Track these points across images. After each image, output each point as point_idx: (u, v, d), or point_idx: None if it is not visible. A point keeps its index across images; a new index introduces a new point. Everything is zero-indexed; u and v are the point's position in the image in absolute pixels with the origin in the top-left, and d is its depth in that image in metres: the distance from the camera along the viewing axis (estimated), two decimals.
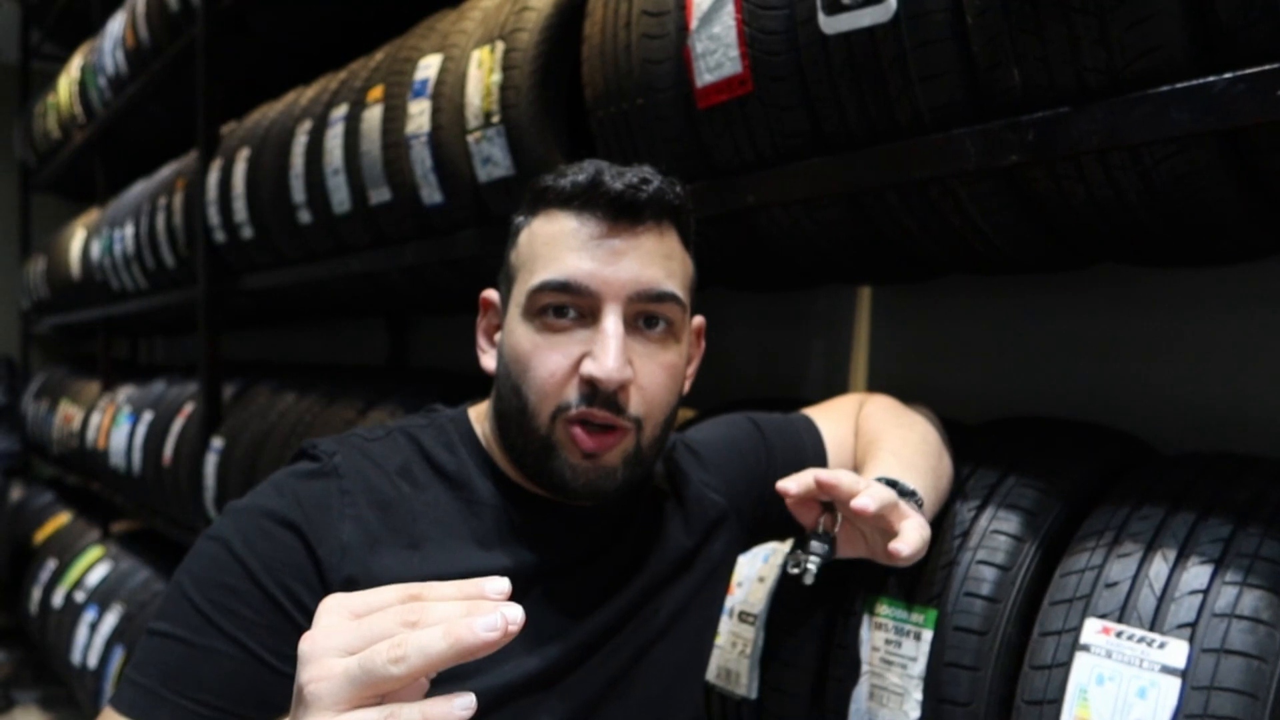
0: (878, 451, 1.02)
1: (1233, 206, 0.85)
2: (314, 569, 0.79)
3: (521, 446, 0.87)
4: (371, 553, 0.81)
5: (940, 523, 1.04)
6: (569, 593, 0.89)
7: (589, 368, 0.82)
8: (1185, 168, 0.82)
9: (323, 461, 0.86)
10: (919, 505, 0.92)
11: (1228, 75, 0.75)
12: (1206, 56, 0.78)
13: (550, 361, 0.84)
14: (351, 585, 0.79)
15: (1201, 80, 0.76)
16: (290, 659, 0.75)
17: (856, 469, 1.07)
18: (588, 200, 0.85)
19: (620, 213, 0.85)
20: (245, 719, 0.76)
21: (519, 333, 0.86)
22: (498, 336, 0.92)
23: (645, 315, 0.86)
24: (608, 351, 0.82)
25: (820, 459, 1.07)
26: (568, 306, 0.84)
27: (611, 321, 0.83)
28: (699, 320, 0.97)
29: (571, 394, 0.84)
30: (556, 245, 0.85)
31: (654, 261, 0.85)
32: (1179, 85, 0.77)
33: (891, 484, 0.93)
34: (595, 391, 0.83)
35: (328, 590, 0.78)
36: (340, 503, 0.83)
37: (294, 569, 0.79)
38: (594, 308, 0.84)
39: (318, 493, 0.83)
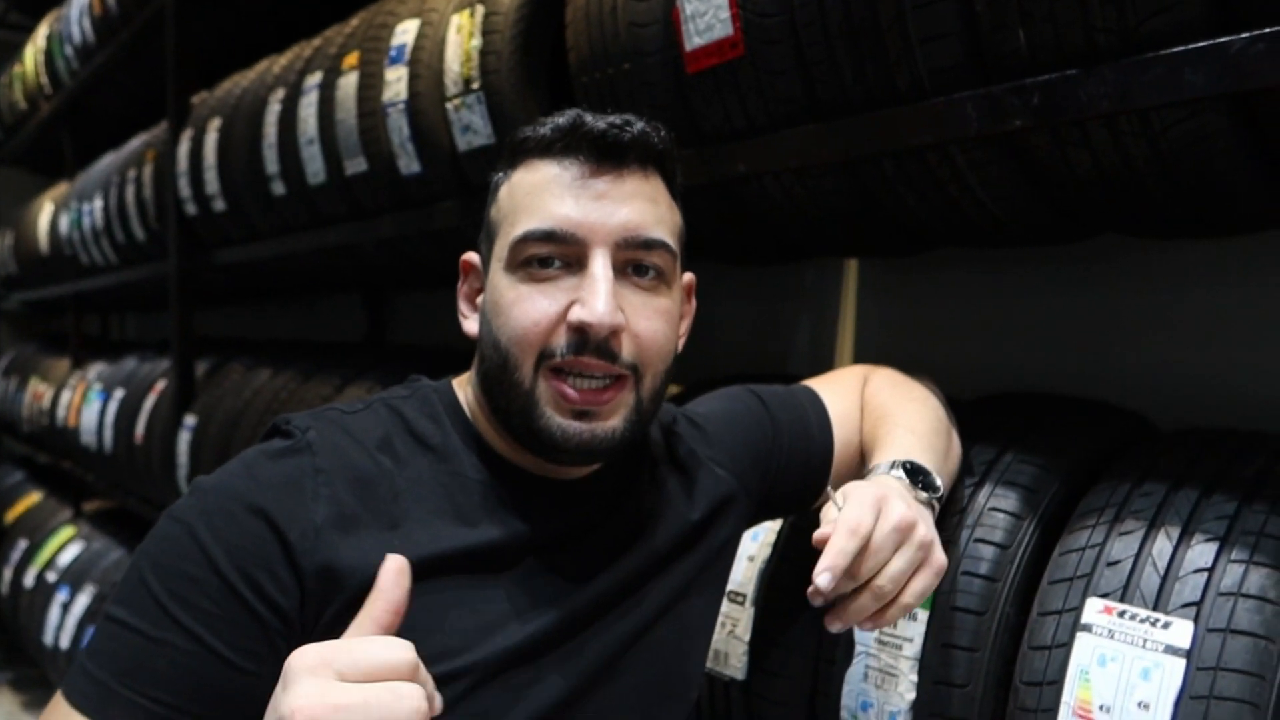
0: (893, 428, 0.98)
1: (1243, 174, 0.83)
2: (283, 556, 0.75)
3: (505, 406, 0.83)
4: (347, 535, 0.77)
5: None
6: (562, 565, 0.86)
7: (577, 313, 0.78)
8: (1196, 133, 0.80)
9: (296, 438, 0.81)
10: (936, 492, 0.90)
11: (1245, 35, 0.72)
12: (1222, 15, 0.75)
13: (535, 309, 0.80)
14: (328, 573, 0.75)
15: (1218, 40, 0.73)
16: (250, 654, 0.73)
17: (865, 444, 1.04)
18: (569, 144, 0.81)
19: (604, 155, 0.81)
20: (201, 717, 0.72)
21: (501, 287, 0.82)
22: (480, 300, 0.88)
23: (635, 263, 0.82)
24: (597, 295, 0.77)
25: (825, 433, 1.04)
26: (553, 256, 0.80)
27: (600, 265, 0.79)
28: (689, 276, 0.93)
29: (558, 342, 0.79)
30: (539, 193, 0.81)
31: (642, 207, 0.81)
32: (1194, 45, 0.74)
33: (909, 466, 0.90)
34: (585, 339, 0.78)
35: (300, 577, 0.75)
36: (314, 482, 0.78)
37: (259, 558, 0.74)
38: (580, 255, 0.80)
39: (289, 472, 0.79)
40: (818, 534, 0.82)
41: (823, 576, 0.78)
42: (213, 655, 0.72)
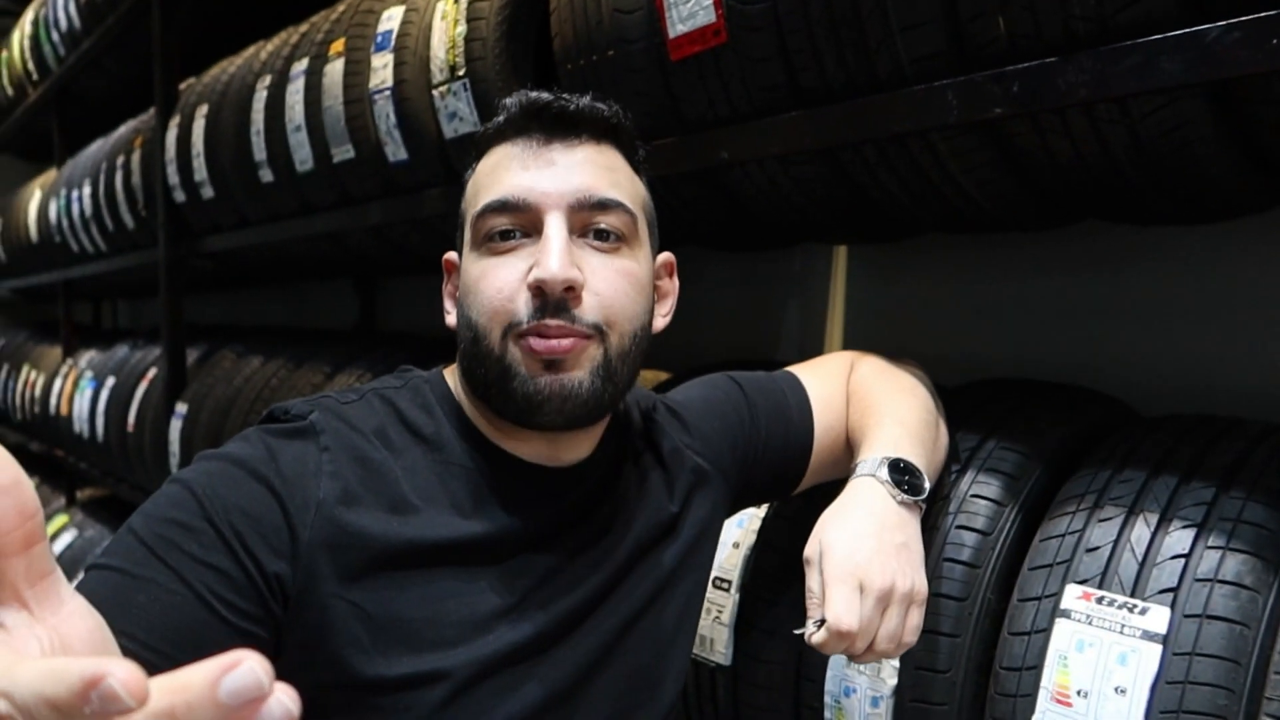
0: (881, 419, 0.98)
1: (1221, 162, 0.83)
2: (282, 522, 0.74)
3: (483, 378, 0.83)
4: (349, 509, 0.77)
5: None
6: (553, 560, 0.86)
7: (534, 274, 0.78)
8: (1174, 121, 0.80)
9: (299, 420, 0.81)
10: (921, 494, 0.90)
11: (1221, 23, 0.71)
12: (1199, 4, 0.75)
13: (497, 279, 0.81)
14: (328, 547, 0.75)
15: (1194, 29, 0.73)
16: (236, 610, 0.71)
17: (851, 433, 1.04)
18: (521, 124, 0.83)
19: (553, 127, 0.82)
20: (178, 663, 0.69)
21: (470, 268, 0.84)
22: (459, 286, 0.89)
23: (593, 227, 0.82)
24: (549, 253, 0.78)
25: (805, 419, 1.04)
26: (512, 229, 0.81)
27: (553, 226, 0.79)
28: (667, 255, 0.93)
29: (521, 309, 0.79)
30: (494, 172, 0.83)
31: (594, 171, 0.82)
32: (1170, 34, 0.74)
33: (897, 465, 0.91)
34: (545, 300, 0.78)
35: (296, 546, 0.74)
36: (319, 459, 0.78)
37: (254, 520, 0.73)
38: (536, 221, 0.81)
39: (297, 452, 0.78)
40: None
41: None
42: (196, 598, 0.69)
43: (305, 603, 0.74)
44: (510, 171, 0.82)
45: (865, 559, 0.84)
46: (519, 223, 0.81)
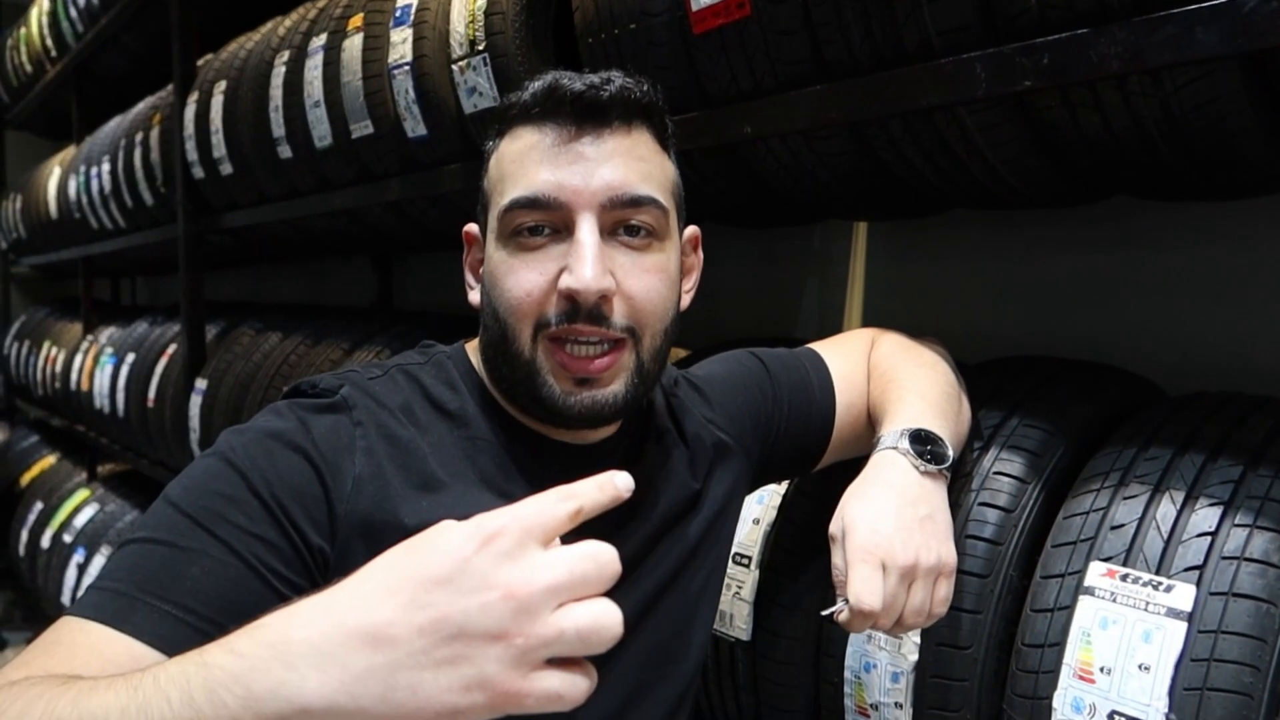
0: (902, 393, 0.98)
1: (1256, 136, 0.82)
2: (322, 496, 0.74)
3: (509, 376, 0.83)
4: (387, 490, 0.77)
5: None
6: (578, 535, 0.86)
7: (566, 281, 0.78)
8: (1209, 94, 0.78)
9: (331, 396, 0.81)
10: (945, 462, 0.90)
11: None
12: None
13: (526, 280, 0.79)
14: (362, 526, 0.75)
15: None
16: (286, 581, 0.70)
17: (872, 408, 1.03)
18: (548, 108, 0.80)
19: (584, 116, 0.80)
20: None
21: (495, 258, 0.83)
22: (482, 270, 0.88)
23: (623, 223, 0.81)
24: (582, 260, 0.77)
25: (827, 395, 1.04)
26: (541, 225, 0.80)
27: (585, 230, 0.78)
28: (693, 230, 0.92)
29: (551, 311, 0.79)
30: (522, 161, 0.81)
31: (625, 165, 0.80)
32: (1206, 4, 0.73)
33: (919, 435, 0.90)
34: (576, 306, 0.78)
35: (334, 522, 0.74)
36: (352, 434, 0.78)
37: (296, 491, 0.73)
38: (567, 220, 0.79)
39: (330, 425, 0.78)
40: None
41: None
42: (248, 568, 0.69)
43: (338, 573, 0.75)
44: (539, 165, 0.80)
45: (887, 536, 0.84)
46: (548, 219, 0.80)
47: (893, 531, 0.84)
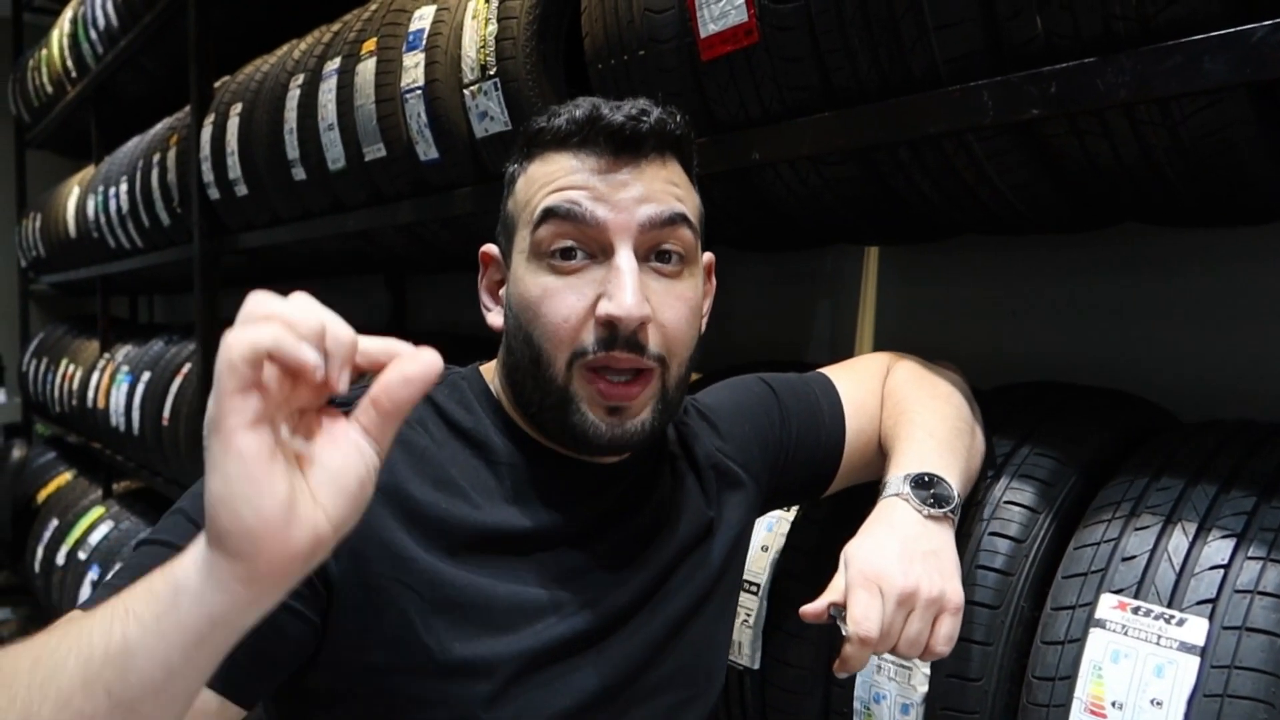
0: (912, 430, 0.97)
1: (1264, 164, 0.81)
2: None
3: (539, 401, 0.82)
4: (397, 489, 0.78)
5: None
6: (596, 557, 0.86)
7: (605, 307, 0.77)
8: (1217, 122, 0.78)
9: (344, 407, 0.81)
10: (949, 504, 0.88)
11: (1267, 23, 0.70)
12: (1243, 2, 0.73)
13: (564, 305, 0.79)
14: (376, 545, 0.75)
15: (1238, 28, 0.71)
16: (296, 594, 0.70)
17: (883, 438, 1.02)
18: (586, 137, 0.80)
19: (622, 147, 0.80)
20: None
21: (526, 280, 0.82)
22: (502, 292, 0.88)
23: (657, 250, 0.81)
24: (624, 288, 0.77)
25: (837, 421, 1.03)
26: (575, 247, 0.79)
27: (624, 256, 0.78)
28: (708, 256, 0.92)
29: (588, 338, 0.79)
30: (558, 182, 0.80)
31: (661, 189, 0.81)
32: (1214, 33, 0.72)
33: (922, 480, 0.89)
34: (614, 334, 0.78)
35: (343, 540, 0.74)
36: None
37: None
38: (604, 244, 0.79)
39: None
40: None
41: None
42: None
43: (351, 584, 0.75)
44: (576, 188, 0.80)
45: (885, 564, 0.83)
46: (583, 241, 0.80)
47: (892, 560, 0.83)
